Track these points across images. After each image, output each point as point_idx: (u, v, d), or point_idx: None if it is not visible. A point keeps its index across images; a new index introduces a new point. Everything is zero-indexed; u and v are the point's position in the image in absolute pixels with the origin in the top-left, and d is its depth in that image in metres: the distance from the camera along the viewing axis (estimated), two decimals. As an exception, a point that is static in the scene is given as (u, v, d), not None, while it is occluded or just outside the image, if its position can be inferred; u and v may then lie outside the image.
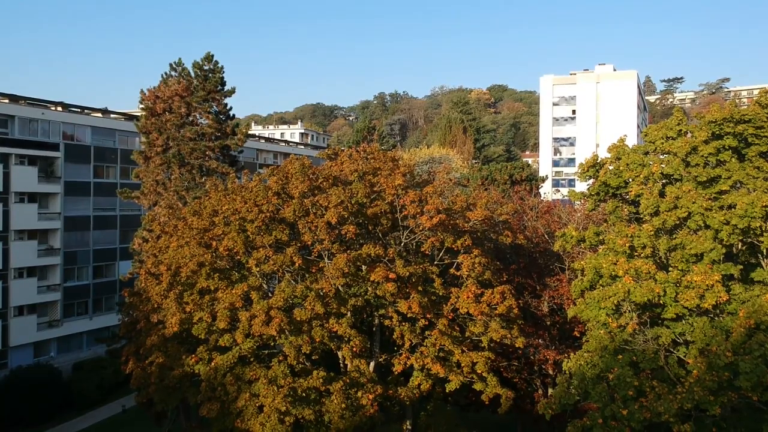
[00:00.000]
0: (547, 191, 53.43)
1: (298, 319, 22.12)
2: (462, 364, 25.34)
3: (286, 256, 22.29)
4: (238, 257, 23.73)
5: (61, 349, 54.80)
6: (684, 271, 17.19)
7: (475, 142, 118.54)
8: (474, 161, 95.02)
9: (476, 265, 25.07)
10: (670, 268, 17.90)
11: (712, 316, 17.04)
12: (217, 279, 23.48)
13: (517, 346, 26.03)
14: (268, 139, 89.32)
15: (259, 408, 21.37)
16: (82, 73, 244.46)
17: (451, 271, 27.26)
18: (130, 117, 62.04)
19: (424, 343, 24.92)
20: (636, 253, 18.06)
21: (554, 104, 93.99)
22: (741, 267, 17.53)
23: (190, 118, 38.18)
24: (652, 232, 17.85)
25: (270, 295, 23.51)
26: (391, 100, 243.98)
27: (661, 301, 17.00)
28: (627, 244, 17.85)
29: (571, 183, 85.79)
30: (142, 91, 38.23)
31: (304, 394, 21.57)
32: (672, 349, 17.93)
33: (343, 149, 29.00)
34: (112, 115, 61.35)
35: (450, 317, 25.30)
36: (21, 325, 51.23)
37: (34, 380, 47.96)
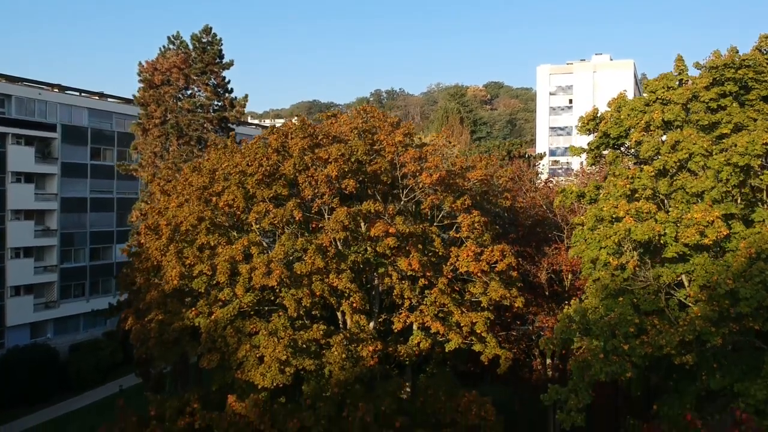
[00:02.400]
0: (544, 168, 53.60)
1: (299, 272, 22.08)
2: (461, 324, 25.36)
3: (286, 210, 22.25)
4: (238, 213, 23.67)
5: (58, 331, 54.64)
6: (685, 210, 17.23)
7: (472, 134, 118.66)
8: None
9: (476, 225, 25.07)
10: (671, 208, 17.93)
11: (713, 253, 17.07)
12: (217, 235, 23.43)
13: (516, 305, 26.03)
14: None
15: (259, 359, 21.32)
16: (80, 72, 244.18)
17: (451, 233, 27.28)
18: (127, 101, 61.89)
19: (424, 302, 24.92)
20: (637, 195, 18.09)
21: (551, 94, 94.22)
22: (742, 206, 17.58)
23: (189, 91, 38.13)
24: (653, 174, 17.90)
25: (270, 252, 23.46)
26: (387, 97, 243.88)
27: (662, 241, 17.03)
28: (628, 186, 17.89)
29: (567, 172, 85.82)
30: (140, 63, 38.25)
31: (304, 346, 21.54)
32: (672, 292, 17.98)
33: (344, 112, 28.96)
34: (109, 99, 61.17)
35: (450, 277, 25.28)
36: (17, 305, 51.08)
37: (31, 360, 47.87)
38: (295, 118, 24.47)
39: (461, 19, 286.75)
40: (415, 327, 25.66)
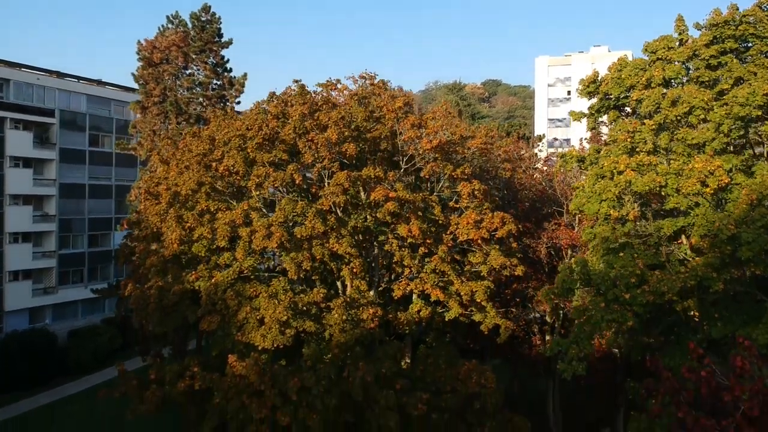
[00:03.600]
0: (543, 147, 53.65)
1: (299, 236, 22.06)
2: (461, 293, 25.36)
3: (286, 173, 22.22)
4: (238, 179, 23.62)
5: (56, 317, 54.45)
6: (685, 162, 17.22)
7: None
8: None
9: (476, 193, 25.10)
10: (672, 161, 17.92)
11: (714, 203, 17.06)
12: (217, 202, 23.39)
13: (516, 274, 26.04)
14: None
15: (259, 321, 21.28)
16: (78, 62, 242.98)
17: (451, 204, 27.29)
18: (125, 89, 61.78)
19: (424, 270, 24.91)
20: (638, 150, 18.08)
21: (549, 85, 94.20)
22: (743, 158, 17.59)
23: (188, 71, 38.08)
24: (654, 127, 17.89)
25: (270, 217, 23.42)
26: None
27: (662, 193, 17.03)
28: (628, 140, 17.89)
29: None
30: (139, 41, 38.15)
31: (305, 308, 21.50)
32: (673, 247, 17.97)
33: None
34: (107, 87, 61.03)
35: (450, 245, 25.28)
36: (16, 290, 50.91)
37: (29, 344, 47.71)
38: (294, 84, 24.41)
39: (460, 16, 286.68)
40: (415, 295, 25.66)
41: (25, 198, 51.92)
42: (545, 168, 37.51)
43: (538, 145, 42.90)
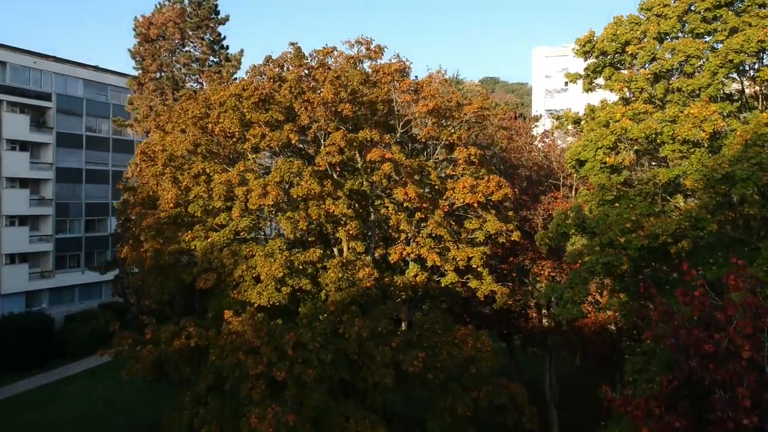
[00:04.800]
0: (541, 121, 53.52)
1: (295, 196, 22.08)
2: (458, 259, 25.39)
3: (282, 133, 22.21)
4: (234, 141, 23.60)
5: (53, 301, 54.40)
6: (681, 110, 17.24)
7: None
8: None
9: (472, 158, 25.12)
10: (668, 109, 17.94)
11: (709, 150, 17.08)
12: (213, 163, 23.38)
13: (513, 239, 26.07)
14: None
15: (255, 279, 21.27)
16: (75, 48, 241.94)
17: (448, 171, 27.30)
18: (122, 75, 61.71)
19: (420, 234, 24.93)
20: (633, 99, 18.12)
21: (546, 76, 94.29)
22: (738, 105, 17.63)
23: (186, 49, 38.06)
24: (650, 76, 17.92)
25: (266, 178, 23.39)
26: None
27: (658, 140, 17.05)
28: (624, 89, 17.92)
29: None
30: (136, 18, 38.14)
31: (301, 267, 21.49)
32: (669, 198, 18.00)
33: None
34: (104, 72, 60.96)
35: (446, 210, 25.29)
36: (12, 273, 50.86)
37: (26, 327, 47.68)
38: (290, 47, 24.40)
39: (457, 12, 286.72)
40: (411, 260, 25.69)
41: (21, 181, 51.87)
42: (541, 145, 37.50)
43: (536, 125, 42.97)
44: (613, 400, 12.20)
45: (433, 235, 24.84)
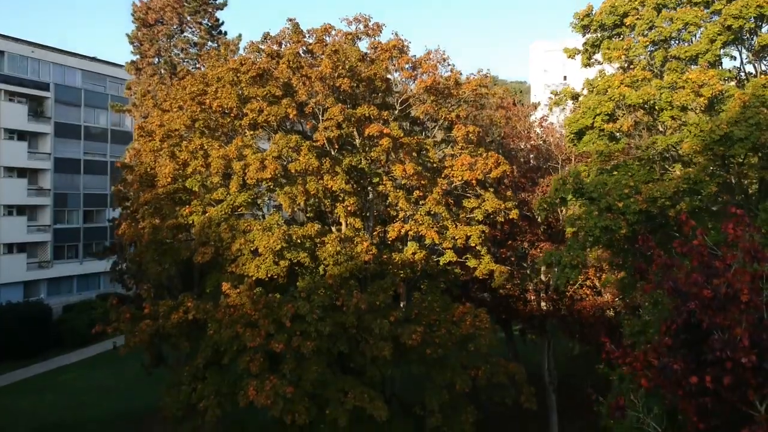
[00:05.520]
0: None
1: (293, 171, 22.05)
2: (456, 237, 25.36)
3: (280, 107, 22.17)
4: (232, 117, 23.54)
5: (51, 292, 54.28)
6: (679, 77, 17.23)
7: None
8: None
9: (470, 136, 25.10)
10: (666, 76, 17.93)
11: (707, 114, 17.06)
12: (210, 139, 23.33)
13: (511, 218, 26.07)
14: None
15: (253, 252, 21.24)
16: (73, 40, 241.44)
17: (446, 150, 27.29)
18: (121, 66, 61.64)
19: (419, 212, 24.90)
20: (632, 67, 18.11)
21: (545, 71, 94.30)
22: (736, 72, 17.63)
23: (184, 34, 38.03)
24: (647, 44, 17.91)
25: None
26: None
27: (656, 107, 17.04)
28: (623, 56, 17.91)
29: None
30: (134, 2, 38.05)
31: (299, 241, 21.45)
32: (668, 167, 17.99)
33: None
34: (102, 63, 60.88)
35: (444, 188, 25.27)
36: (10, 263, 50.75)
37: (25, 316, 47.58)
38: (288, 23, 24.34)
39: (455, 9, 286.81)
40: (410, 238, 25.66)
41: (19, 171, 51.80)
42: (539, 130, 37.45)
43: (534, 112, 42.95)
44: (612, 352, 12.18)
45: (432, 212, 24.80)
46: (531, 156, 34.44)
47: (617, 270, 21.25)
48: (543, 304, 33.56)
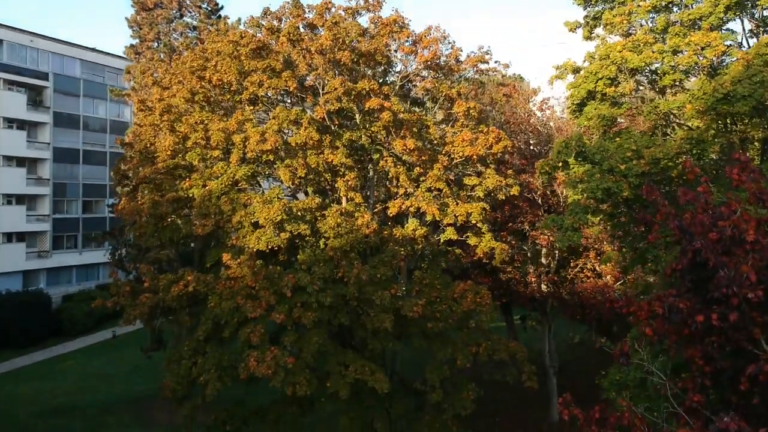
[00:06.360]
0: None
1: (293, 144, 21.95)
2: (457, 214, 25.26)
3: (280, 80, 22.07)
4: (232, 91, 23.44)
5: (50, 281, 54.19)
6: (681, 41, 17.14)
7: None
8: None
9: (471, 111, 25.01)
10: (668, 40, 17.84)
11: (710, 76, 16.99)
12: (210, 113, 23.24)
13: (512, 194, 25.98)
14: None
15: (254, 225, 21.14)
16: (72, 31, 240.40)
17: (447, 128, 27.18)
18: (120, 58, 61.57)
19: (420, 188, 24.81)
20: (633, 31, 18.03)
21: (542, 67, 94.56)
22: (739, 34, 17.57)
23: (184, 19, 37.94)
24: (649, 8, 17.84)
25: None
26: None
27: (659, 71, 16.96)
28: (625, 22, 17.82)
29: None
30: (133, -14, 38.00)
31: (299, 214, 21.35)
32: (669, 133, 17.92)
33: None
34: (101, 53, 60.80)
35: (445, 164, 25.16)
36: (9, 252, 50.67)
37: (24, 304, 47.50)
38: (288, -2, 24.26)
39: (453, 5, 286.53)
40: (411, 214, 25.58)
41: (18, 160, 51.70)
42: (540, 114, 37.41)
43: (534, 98, 42.92)
44: (615, 302, 12.07)
45: (432, 188, 24.71)
46: (531, 142, 34.38)
47: (618, 242, 21.13)
48: (543, 286, 33.50)
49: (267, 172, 23.25)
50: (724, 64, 16.78)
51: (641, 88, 18.06)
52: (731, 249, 10.35)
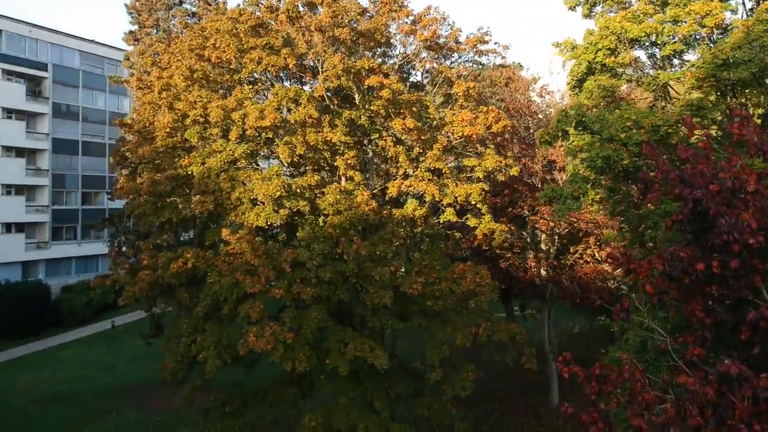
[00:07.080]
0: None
1: (292, 121, 21.90)
2: (456, 195, 25.21)
3: (279, 57, 22.02)
4: (231, 69, 23.38)
5: (50, 272, 54.10)
6: (681, 10, 17.09)
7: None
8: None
9: (470, 91, 24.97)
10: (668, 10, 17.79)
11: (711, 44, 16.95)
12: (209, 91, 23.18)
13: (512, 174, 25.94)
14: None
15: (253, 202, 21.09)
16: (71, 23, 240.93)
17: (446, 111, 27.13)
18: (119, 50, 61.50)
19: (419, 168, 24.76)
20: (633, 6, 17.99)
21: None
22: (740, 2, 17.52)
23: (183, 5, 37.89)
24: (650, -19, 17.81)
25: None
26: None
27: (659, 41, 16.92)
28: (624, -7, 17.80)
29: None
30: (132, -27, 37.95)
31: (299, 191, 21.30)
32: (670, 105, 17.85)
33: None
34: (100, 45, 60.71)
35: (444, 145, 25.11)
36: (8, 242, 50.59)
37: (24, 294, 47.47)
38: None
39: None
40: (410, 194, 25.54)
41: (17, 150, 51.61)
42: (539, 100, 37.39)
43: (533, 86, 42.89)
44: (616, 259, 12.02)
45: (432, 168, 24.66)
46: (531, 129, 34.30)
47: (617, 219, 21.08)
48: (543, 271, 33.45)
49: (266, 152, 23.16)
50: (725, 32, 16.73)
51: (642, 61, 17.99)
52: (732, 201, 10.30)
